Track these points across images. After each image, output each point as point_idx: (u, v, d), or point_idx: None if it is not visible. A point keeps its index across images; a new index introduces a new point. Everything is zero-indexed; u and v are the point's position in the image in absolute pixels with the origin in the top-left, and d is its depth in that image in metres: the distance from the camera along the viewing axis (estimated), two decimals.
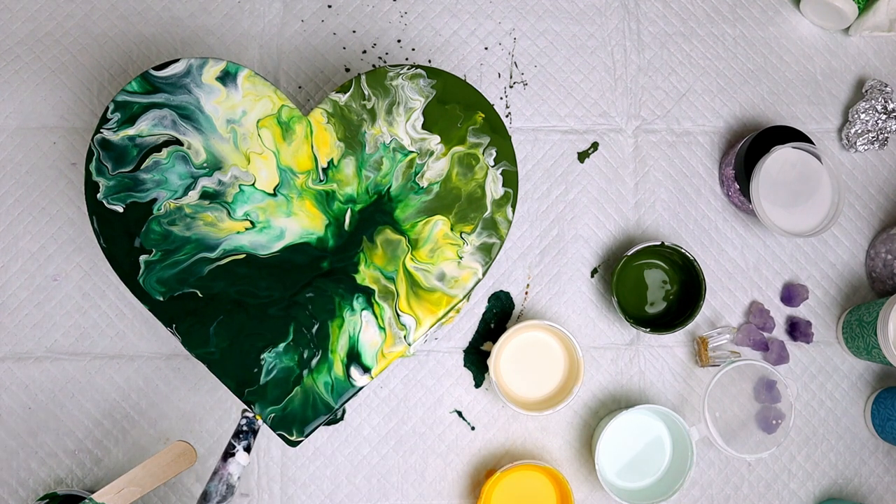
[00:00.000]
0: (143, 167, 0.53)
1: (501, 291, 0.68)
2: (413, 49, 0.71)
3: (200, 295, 0.53)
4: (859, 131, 0.70)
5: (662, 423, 0.66)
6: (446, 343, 0.67)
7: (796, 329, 0.69)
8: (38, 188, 0.67)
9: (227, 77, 0.55)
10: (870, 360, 0.66)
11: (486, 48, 0.71)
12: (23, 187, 0.67)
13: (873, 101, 0.70)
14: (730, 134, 0.72)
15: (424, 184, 0.56)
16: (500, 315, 0.68)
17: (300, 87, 0.70)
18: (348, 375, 0.54)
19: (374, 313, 0.55)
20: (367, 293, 0.55)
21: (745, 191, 0.66)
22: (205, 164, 0.54)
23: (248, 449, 0.47)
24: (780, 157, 0.65)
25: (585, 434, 0.67)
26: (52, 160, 0.67)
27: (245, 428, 0.49)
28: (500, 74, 0.71)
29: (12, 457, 0.64)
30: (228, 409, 0.65)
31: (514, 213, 0.56)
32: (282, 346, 0.54)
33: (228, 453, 0.45)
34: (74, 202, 0.67)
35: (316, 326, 0.54)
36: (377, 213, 0.56)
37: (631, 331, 0.68)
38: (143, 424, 0.65)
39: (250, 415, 0.50)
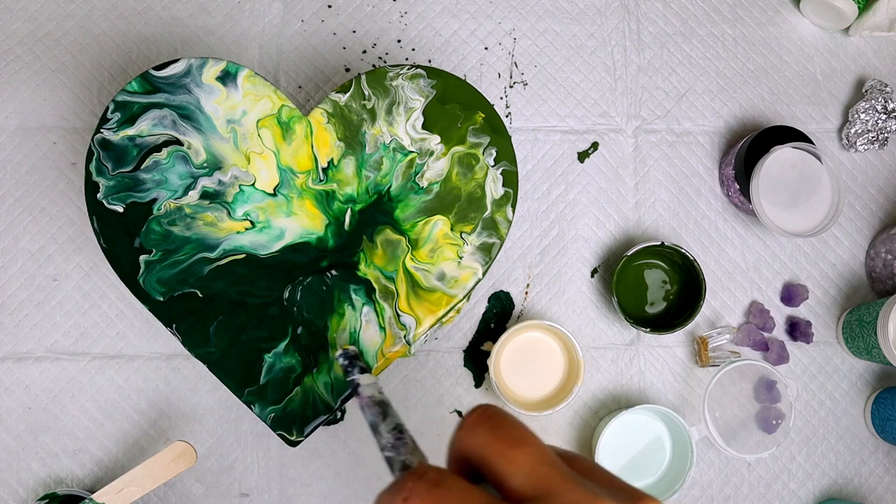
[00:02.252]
0: (143, 167, 0.53)
1: (501, 291, 0.68)
2: (413, 49, 0.71)
3: (200, 295, 0.53)
4: (859, 131, 0.70)
5: (662, 423, 0.66)
6: (446, 343, 0.67)
7: (796, 329, 0.69)
8: (38, 188, 0.67)
9: (227, 77, 0.55)
10: (870, 360, 0.66)
11: (486, 48, 0.71)
12: (23, 187, 0.67)
13: (873, 101, 0.70)
14: (730, 134, 0.72)
15: (424, 184, 0.56)
16: (500, 315, 0.68)
17: (300, 87, 0.70)
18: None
19: (374, 312, 0.55)
20: (367, 292, 0.55)
21: (745, 191, 0.66)
22: (205, 164, 0.54)
23: (364, 370, 0.44)
24: (780, 157, 0.65)
25: (585, 434, 0.67)
26: (52, 160, 0.67)
27: (345, 362, 0.46)
28: (500, 74, 0.71)
29: (12, 457, 0.64)
30: (228, 409, 0.65)
31: (514, 213, 0.56)
32: (282, 345, 0.54)
33: (355, 388, 0.43)
34: (74, 202, 0.67)
35: (316, 326, 0.54)
36: (377, 213, 0.56)
37: (631, 331, 0.68)
38: (143, 424, 0.65)
39: (340, 352, 0.48)
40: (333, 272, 0.55)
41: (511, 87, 0.71)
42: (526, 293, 0.68)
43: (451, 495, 0.22)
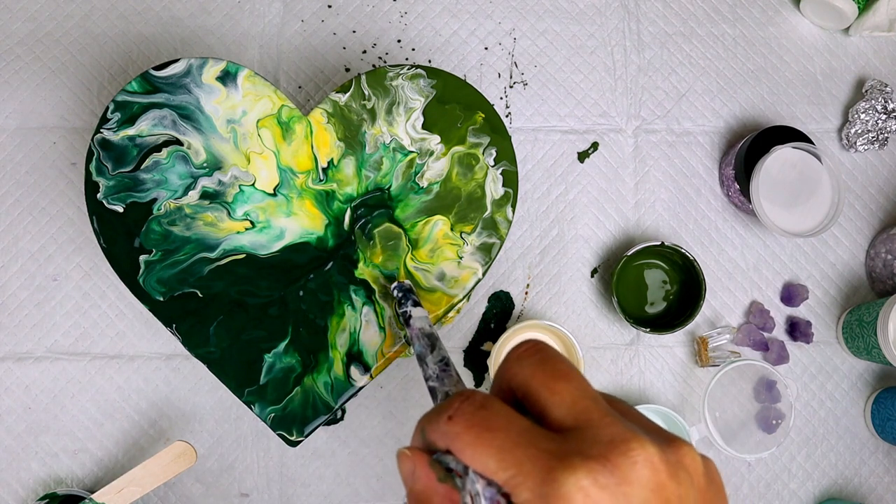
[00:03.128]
0: (143, 167, 0.53)
1: (501, 291, 0.68)
2: (413, 49, 0.71)
3: (200, 295, 0.53)
4: (859, 131, 0.70)
5: (663, 423, 0.66)
6: (446, 343, 0.67)
7: (796, 329, 0.69)
8: (38, 188, 0.67)
9: (227, 77, 0.55)
10: (870, 360, 0.66)
11: (486, 48, 0.71)
12: (23, 187, 0.67)
13: (873, 101, 0.70)
14: (730, 134, 0.72)
15: (424, 184, 0.56)
16: (500, 315, 0.68)
17: (300, 87, 0.70)
18: (348, 375, 0.54)
19: (374, 312, 0.55)
20: (367, 292, 0.55)
21: (745, 191, 0.66)
22: (205, 164, 0.54)
23: (417, 304, 0.44)
24: (780, 157, 0.65)
25: None
26: (52, 160, 0.67)
27: (400, 294, 0.47)
28: (500, 74, 0.71)
29: (12, 457, 0.64)
30: (228, 408, 0.65)
31: (514, 213, 0.56)
32: (282, 345, 0.54)
33: (406, 319, 0.43)
34: (74, 202, 0.67)
35: (316, 326, 0.54)
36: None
37: (631, 331, 0.68)
38: (143, 424, 0.65)
39: (395, 284, 0.48)
40: (333, 272, 0.55)
41: (511, 87, 0.71)
42: (526, 293, 0.68)
43: (496, 417, 0.22)
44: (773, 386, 0.65)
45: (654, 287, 0.68)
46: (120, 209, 0.53)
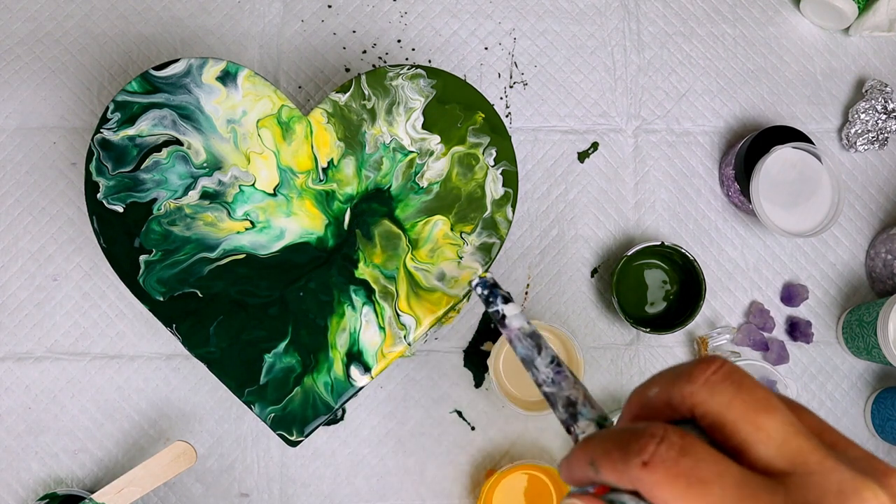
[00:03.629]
0: (143, 167, 0.53)
1: None
2: (413, 49, 0.71)
3: (200, 295, 0.53)
4: (859, 131, 0.70)
5: None
6: (446, 343, 0.67)
7: (796, 329, 0.69)
8: (38, 188, 0.67)
9: (227, 77, 0.55)
10: (870, 360, 0.66)
11: (486, 48, 0.71)
12: (23, 187, 0.67)
13: (873, 101, 0.70)
14: (730, 134, 0.72)
15: (424, 184, 0.56)
16: None
17: (300, 87, 0.70)
18: (348, 375, 0.54)
19: (374, 312, 0.55)
20: (367, 292, 0.55)
21: (745, 191, 0.66)
22: (205, 164, 0.54)
23: (508, 300, 0.39)
24: (780, 157, 0.65)
25: None
26: (52, 160, 0.67)
27: (485, 292, 0.40)
28: (500, 74, 0.71)
29: (12, 457, 0.64)
30: (228, 409, 0.65)
31: (514, 213, 0.56)
32: (282, 345, 0.54)
33: (500, 319, 0.38)
34: (74, 202, 0.67)
35: (316, 326, 0.54)
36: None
37: (631, 331, 0.68)
38: (143, 424, 0.65)
39: (476, 280, 0.42)
40: (333, 272, 0.55)
41: (511, 87, 0.71)
42: (526, 293, 0.68)
43: (705, 465, 0.19)
44: (773, 386, 0.65)
45: (654, 287, 0.68)
46: (120, 209, 0.53)
